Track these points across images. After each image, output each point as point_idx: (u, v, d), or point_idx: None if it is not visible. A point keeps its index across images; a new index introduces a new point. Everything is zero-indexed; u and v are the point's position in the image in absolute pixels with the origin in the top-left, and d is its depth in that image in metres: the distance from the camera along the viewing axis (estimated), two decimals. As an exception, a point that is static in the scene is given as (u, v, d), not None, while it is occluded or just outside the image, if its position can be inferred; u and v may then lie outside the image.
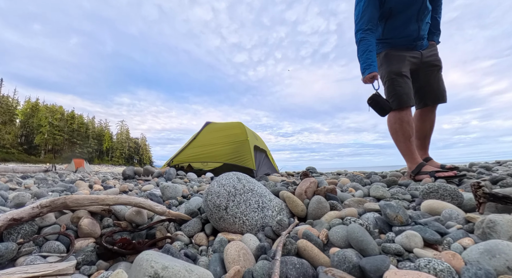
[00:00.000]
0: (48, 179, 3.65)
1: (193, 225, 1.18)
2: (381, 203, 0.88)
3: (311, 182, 1.23)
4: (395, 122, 2.12)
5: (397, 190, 1.37)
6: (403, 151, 2.10)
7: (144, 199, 1.27)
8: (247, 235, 0.97)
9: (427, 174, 1.84)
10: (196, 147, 5.31)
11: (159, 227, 1.23)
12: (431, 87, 2.21)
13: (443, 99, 2.23)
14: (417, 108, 2.38)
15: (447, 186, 1.05)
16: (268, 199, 1.16)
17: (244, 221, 1.05)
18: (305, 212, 1.11)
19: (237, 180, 1.18)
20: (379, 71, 2.26)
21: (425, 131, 2.35)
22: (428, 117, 2.32)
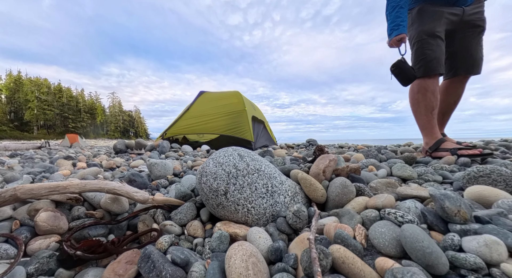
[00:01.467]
0: (35, 158, 3.37)
1: (185, 212, 0.96)
2: (434, 192, 0.64)
3: (331, 159, 0.98)
4: (418, 91, 1.83)
5: (425, 170, 1.14)
6: (422, 124, 1.85)
7: (119, 184, 1.01)
8: (255, 229, 0.75)
9: (448, 152, 1.62)
10: (190, 118, 4.97)
11: (143, 217, 1.01)
12: (467, 52, 1.85)
13: (478, 69, 1.88)
14: (445, 78, 2.04)
15: (502, 169, 0.81)
16: (279, 182, 0.93)
17: (249, 209, 0.83)
18: (325, 197, 0.88)
19: (238, 158, 0.92)
20: (409, 31, 1.91)
21: (448, 105, 2.05)
22: (455, 90, 2.00)
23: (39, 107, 60.33)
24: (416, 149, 2.18)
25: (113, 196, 1.00)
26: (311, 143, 3.98)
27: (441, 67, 1.78)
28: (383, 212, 0.67)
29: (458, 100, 2.05)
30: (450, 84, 2.01)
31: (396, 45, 1.88)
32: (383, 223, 0.62)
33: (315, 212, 0.79)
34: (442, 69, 1.79)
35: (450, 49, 1.87)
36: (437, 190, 0.63)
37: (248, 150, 1.07)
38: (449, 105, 2.06)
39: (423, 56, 1.80)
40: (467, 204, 0.61)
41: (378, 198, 0.75)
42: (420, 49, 1.81)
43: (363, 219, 0.71)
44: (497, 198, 0.72)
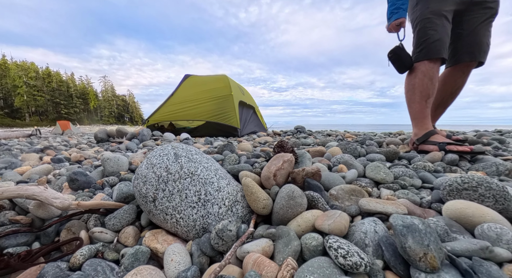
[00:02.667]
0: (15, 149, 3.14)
1: (121, 216, 0.83)
2: (396, 221, 0.47)
3: (285, 160, 0.81)
4: (415, 76, 1.65)
5: (403, 172, 0.98)
6: (414, 113, 1.69)
7: (40, 189, 0.86)
8: (172, 248, 0.65)
9: (435, 145, 1.45)
10: (174, 104, 4.72)
11: (70, 223, 0.87)
12: (474, 36, 1.64)
13: (483, 56, 1.66)
14: (447, 66, 1.82)
15: (493, 182, 0.65)
16: (215, 188, 0.78)
17: (177, 220, 0.73)
18: (269, 209, 0.73)
19: (173, 158, 0.80)
20: (412, 13, 1.72)
21: (444, 97, 1.84)
22: (454, 80, 1.77)
23: (29, 92, 58.47)
24: (403, 140, 2.02)
25: (37, 201, 0.85)
26: (299, 130, 3.81)
27: (445, 50, 1.58)
28: (326, 240, 0.51)
29: (457, 92, 1.83)
30: (450, 73, 1.80)
31: (395, 30, 1.74)
32: (319, 262, 0.47)
33: (244, 232, 0.63)
34: (445, 53, 1.59)
35: (456, 32, 1.67)
36: (400, 217, 0.47)
37: (190, 149, 0.91)
38: (445, 96, 1.85)
39: (425, 37, 1.59)
40: (438, 242, 0.44)
41: (328, 217, 0.59)
42: (423, 29, 1.61)
43: (302, 248, 0.56)
44: (483, 220, 0.57)
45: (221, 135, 4.32)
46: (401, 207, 0.63)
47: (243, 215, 0.77)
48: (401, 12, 1.69)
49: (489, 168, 1.11)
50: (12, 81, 56.11)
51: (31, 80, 59.06)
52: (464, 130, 3.32)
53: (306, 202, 0.70)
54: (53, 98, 63.30)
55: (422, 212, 0.68)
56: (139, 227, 0.85)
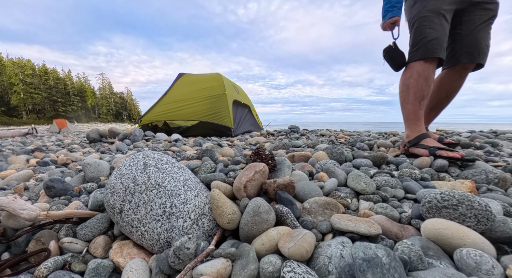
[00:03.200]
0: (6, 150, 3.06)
1: (92, 226, 0.82)
2: (357, 252, 0.42)
3: (256, 171, 0.76)
4: (410, 76, 1.60)
5: (386, 181, 0.93)
6: (407, 114, 1.64)
7: (9, 200, 0.83)
8: (131, 264, 0.63)
9: (426, 150, 1.40)
10: (167, 103, 4.65)
11: (40, 233, 0.84)
12: (474, 38, 1.59)
13: (483, 58, 1.61)
14: (444, 67, 1.76)
15: (475, 200, 0.59)
16: (181, 201, 0.75)
17: (142, 233, 0.71)
18: (235, 224, 0.69)
19: (141, 168, 0.78)
20: (409, 12, 1.68)
21: (439, 99, 1.78)
22: (450, 82, 1.72)
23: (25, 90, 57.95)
24: (395, 143, 1.98)
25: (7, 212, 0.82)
26: (293, 130, 3.76)
27: (442, 50, 1.53)
28: (283, 267, 0.46)
29: (453, 95, 1.77)
30: (447, 75, 1.74)
31: (389, 28, 1.72)
32: None
33: (203, 250, 0.58)
34: (443, 54, 1.54)
35: (455, 32, 1.63)
36: (362, 247, 0.41)
37: (161, 158, 0.88)
38: (440, 99, 1.79)
39: (422, 35, 1.55)
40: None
41: (292, 238, 0.54)
42: (420, 28, 1.56)
43: (259, 272, 0.51)
44: (462, 242, 0.52)
45: (214, 134, 4.26)
46: (375, 226, 0.58)
47: (209, 229, 0.74)
48: (396, 10, 1.66)
49: (478, 175, 1.06)
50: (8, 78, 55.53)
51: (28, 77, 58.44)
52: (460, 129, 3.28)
53: (273, 218, 0.65)
54: (50, 96, 62.75)
55: (399, 229, 0.63)
56: (111, 236, 0.83)
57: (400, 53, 1.70)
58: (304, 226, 0.65)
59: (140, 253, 0.72)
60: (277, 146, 2.14)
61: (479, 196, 0.88)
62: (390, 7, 1.66)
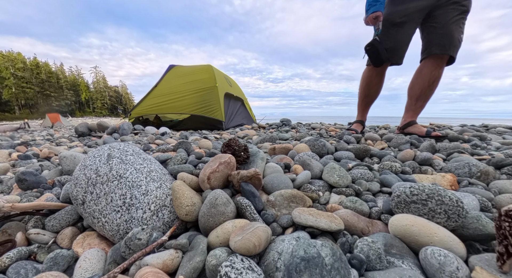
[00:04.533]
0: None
1: (61, 217, 0.81)
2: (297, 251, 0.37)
3: (221, 162, 0.71)
4: (362, 76, 2.15)
5: (362, 174, 0.89)
6: (357, 106, 2.30)
7: None
8: (88, 253, 0.62)
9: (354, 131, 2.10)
10: (157, 96, 4.53)
11: (7, 225, 0.83)
12: (445, 30, 1.70)
13: (454, 50, 1.73)
14: (421, 58, 1.87)
15: (446, 194, 0.55)
16: (141, 192, 0.73)
17: (103, 224, 0.71)
18: (193, 216, 0.65)
19: (105, 159, 0.78)
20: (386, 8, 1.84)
21: (422, 89, 1.86)
22: (430, 72, 1.81)
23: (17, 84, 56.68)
24: (382, 136, 1.94)
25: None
26: (284, 123, 3.70)
27: (396, 57, 1.90)
28: (225, 260, 0.42)
29: (434, 84, 1.84)
30: (425, 65, 1.86)
31: (372, 23, 1.82)
32: None
33: (158, 239, 0.56)
34: (396, 60, 1.91)
35: (429, 26, 1.78)
36: (305, 245, 0.37)
37: (127, 149, 0.86)
38: (423, 89, 1.85)
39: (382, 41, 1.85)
40: None
41: (243, 231, 0.50)
42: (381, 36, 1.84)
43: (205, 265, 0.47)
44: (430, 240, 0.48)
45: (206, 128, 4.19)
46: (337, 221, 0.54)
47: (169, 220, 0.72)
48: (379, 5, 1.74)
49: (461, 169, 1.03)
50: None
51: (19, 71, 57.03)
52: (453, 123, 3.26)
53: (232, 210, 0.61)
54: (43, 90, 61.49)
55: (366, 225, 0.59)
56: (81, 228, 0.83)
57: (383, 48, 1.81)
58: (265, 220, 0.61)
59: (102, 244, 0.72)
60: (264, 139, 2.09)
61: (459, 190, 0.85)
62: (374, 1, 1.73)
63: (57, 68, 69.60)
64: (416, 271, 0.44)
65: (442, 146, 1.57)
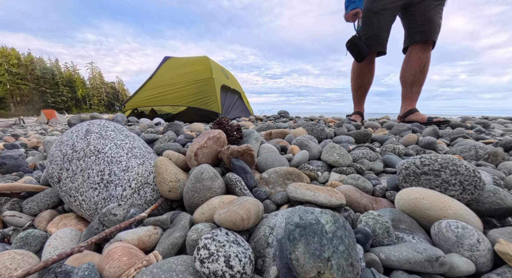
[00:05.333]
0: None
1: (39, 200, 0.76)
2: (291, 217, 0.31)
3: (210, 138, 0.65)
4: (351, 69, 2.17)
5: (364, 153, 0.83)
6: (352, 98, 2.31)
7: None
8: (60, 231, 0.56)
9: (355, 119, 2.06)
10: (152, 88, 4.43)
11: None
12: (425, 17, 1.76)
13: (434, 35, 1.77)
14: (404, 45, 1.94)
15: (461, 164, 0.48)
16: (121, 168, 0.67)
17: (80, 202, 0.66)
18: (177, 192, 0.59)
19: (82, 134, 0.73)
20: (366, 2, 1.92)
21: (414, 75, 1.90)
22: (418, 57, 1.86)
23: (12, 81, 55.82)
24: (383, 124, 1.89)
25: None
26: (282, 115, 3.62)
27: (379, 45, 1.91)
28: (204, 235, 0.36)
29: (425, 68, 1.89)
30: (412, 51, 1.88)
31: (352, 20, 1.90)
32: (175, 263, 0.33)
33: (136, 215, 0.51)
34: (380, 47, 1.92)
35: (409, 14, 1.84)
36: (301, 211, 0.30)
37: (107, 125, 0.81)
38: (416, 74, 1.89)
39: (363, 32, 1.91)
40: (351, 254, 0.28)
41: (232, 205, 0.43)
42: (363, 26, 1.90)
43: (185, 241, 0.41)
44: (443, 214, 0.42)
45: (202, 121, 4.11)
46: (337, 195, 0.48)
47: (152, 199, 0.66)
48: (358, 2, 1.81)
49: (467, 151, 0.97)
50: (-8, 68, 53.27)
51: (13, 67, 56.07)
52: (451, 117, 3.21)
53: (220, 186, 0.55)
54: (38, 87, 60.60)
55: (370, 202, 0.53)
56: (61, 211, 0.79)
57: (363, 44, 1.89)
58: (257, 196, 0.55)
59: (79, 224, 0.67)
60: (261, 128, 2.02)
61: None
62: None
63: (52, 64, 68.54)
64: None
65: (445, 132, 1.52)
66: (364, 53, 1.90)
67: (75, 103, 70.66)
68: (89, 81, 77.77)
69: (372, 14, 1.85)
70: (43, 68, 64.12)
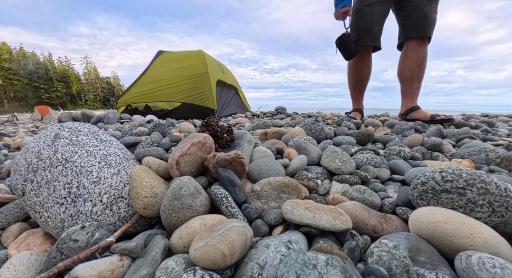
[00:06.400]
0: None
1: (8, 212, 0.68)
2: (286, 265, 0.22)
3: (194, 143, 0.56)
4: (348, 66, 2.09)
5: (369, 158, 0.74)
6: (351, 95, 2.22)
7: None
8: (16, 258, 0.47)
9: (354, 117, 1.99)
10: (145, 84, 4.29)
11: None
12: (419, 12, 1.71)
13: (429, 30, 1.72)
14: (399, 41, 1.89)
15: (490, 181, 0.40)
16: (92, 180, 0.58)
17: (46, 219, 0.57)
18: (154, 210, 0.51)
19: (50, 140, 0.64)
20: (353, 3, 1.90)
21: (413, 70, 1.83)
22: (416, 51, 1.80)
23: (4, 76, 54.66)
24: (384, 122, 1.81)
25: None
26: (279, 111, 3.53)
27: (372, 39, 1.82)
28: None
29: (423, 63, 1.83)
30: (408, 47, 1.84)
31: (342, 18, 1.89)
32: None
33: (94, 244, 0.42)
34: (373, 41, 1.83)
35: (402, 10, 1.80)
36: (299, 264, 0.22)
37: (80, 129, 0.72)
38: (414, 70, 1.83)
39: (356, 26, 1.84)
40: None
41: (212, 233, 0.35)
42: (355, 19, 1.85)
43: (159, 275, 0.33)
44: (469, 243, 0.34)
45: (197, 117, 4.00)
46: (343, 217, 0.40)
47: (127, 215, 0.57)
48: (347, 0, 1.80)
49: (476, 154, 0.89)
50: (-17, 63, 52.02)
51: (5, 62, 54.79)
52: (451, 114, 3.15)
53: (203, 203, 0.47)
54: (32, 82, 59.41)
55: (379, 221, 0.45)
56: (33, 224, 0.71)
57: (352, 42, 1.85)
58: (247, 215, 0.47)
59: (45, 244, 0.59)
60: (257, 126, 1.94)
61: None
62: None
63: (45, 58, 67.10)
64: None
65: (450, 131, 1.45)
66: (353, 51, 1.87)
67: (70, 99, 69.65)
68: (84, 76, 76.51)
69: (365, 6, 1.79)
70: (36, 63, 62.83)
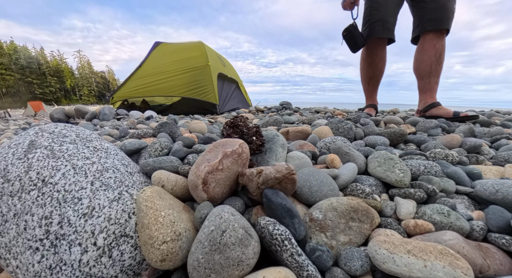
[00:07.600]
0: None
1: None
2: None
3: (226, 154, 0.42)
4: (361, 59, 1.99)
5: (427, 166, 0.59)
6: (364, 91, 2.09)
7: None
8: None
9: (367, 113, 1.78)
10: (142, 77, 4.09)
11: None
12: (436, 4, 1.59)
13: (447, 23, 1.61)
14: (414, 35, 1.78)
15: None
16: (81, 211, 0.41)
17: (14, 269, 0.40)
18: (175, 261, 0.34)
19: (23, 151, 0.47)
20: None
21: (431, 65, 1.71)
22: (434, 44, 1.69)
23: (-5, 71, 53.28)
24: (405, 119, 1.68)
25: None
26: (285, 106, 3.37)
27: (386, 30, 1.73)
28: None
29: (441, 57, 1.72)
30: (425, 40, 1.73)
31: (349, 8, 1.84)
32: None
33: None
34: (387, 33, 1.74)
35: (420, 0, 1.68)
36: None
37: (66, 133, 0.55)
38: (432, 64, 1.72)
39: (369, 17, 1.76)
40: None
41: None
42: (368, 9, 1.77)
43: None
44: None
45: (198, 112, 3.84)
46: (461, 263, 0.27)
47: (134, 263, 0.40)
48: None
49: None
50: (-27, 58, 50.53)
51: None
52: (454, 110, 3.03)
53: (254, 251, 0.32)
54: (24, 77, 58.00)
55: (482, 256, 0.33)
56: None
57: (360, 34, 1.78)
58: (317, 261, 0.33)
59: None
60: (267, 123, 1.80)
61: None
62: None
63: (37, 52, 65.33)
64: None
65: (480, 131, 1.33)
66: (360, 43, 1.81)
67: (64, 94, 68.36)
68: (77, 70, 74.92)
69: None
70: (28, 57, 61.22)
